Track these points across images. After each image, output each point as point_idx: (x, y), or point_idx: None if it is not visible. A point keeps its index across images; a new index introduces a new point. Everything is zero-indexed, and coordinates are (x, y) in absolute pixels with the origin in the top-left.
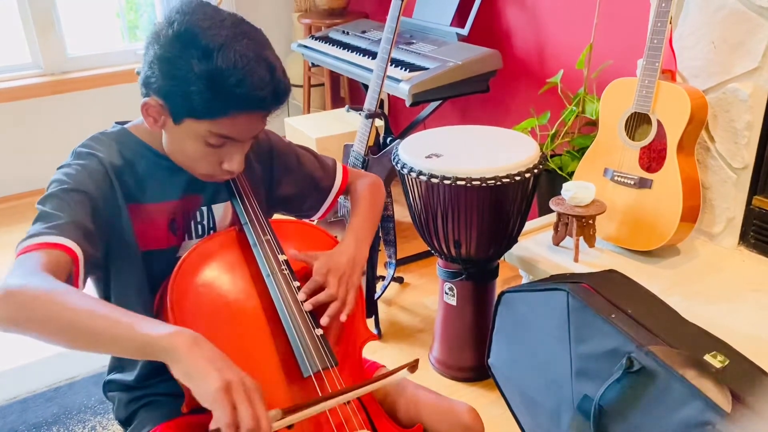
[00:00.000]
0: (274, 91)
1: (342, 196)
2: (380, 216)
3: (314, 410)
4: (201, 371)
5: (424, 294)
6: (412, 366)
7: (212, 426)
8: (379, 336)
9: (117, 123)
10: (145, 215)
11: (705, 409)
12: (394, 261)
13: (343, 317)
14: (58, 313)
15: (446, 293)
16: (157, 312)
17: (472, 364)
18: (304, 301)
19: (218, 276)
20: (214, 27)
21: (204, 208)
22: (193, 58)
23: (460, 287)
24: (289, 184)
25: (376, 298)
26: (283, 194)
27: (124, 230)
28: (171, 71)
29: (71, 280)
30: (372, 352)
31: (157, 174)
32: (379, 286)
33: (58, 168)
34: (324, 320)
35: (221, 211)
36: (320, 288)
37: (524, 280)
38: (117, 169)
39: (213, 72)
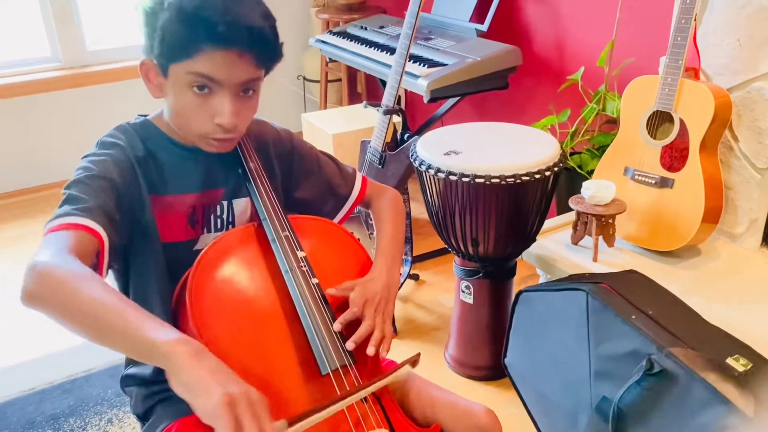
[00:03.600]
0: (245, 25)
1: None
2: (405, 234)
3: (320, 416)
4: (202, 384)
5: (439, 291)
6: (414, 361)
7: None
8: (395, 333)
9: (140, 115)
10: (166, 206)
11: (727, 413)
12: (410, 258)
13: (383, 352)
14: (78, 298)
15: (463, 291)
16: (176, 306)
17: (488, 363)
18: (340, 332)
19: (237, 272)
20: None
21: (224, 203)
22: (163, 1)
23: (477, 285)
24: (308, 187)
25: None
26: (301, 197)
27: (146, 221)
28: (149, 21)
29: (96, 267)
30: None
31: (179, 165)
32: None
33: (84, 156)
34: (370, 350)
35: (242, 206)
36: (357, 319)
37: (542, 279)
38: (140, 160)
39: (175, 5)
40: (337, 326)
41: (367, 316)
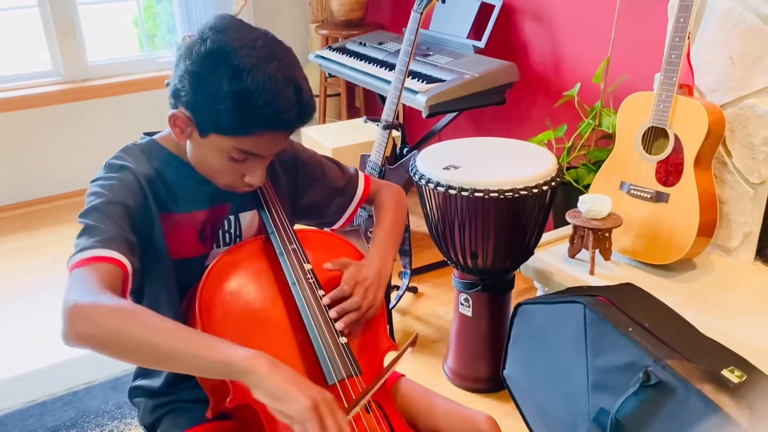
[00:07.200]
0: (299, 113)
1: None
2: (404, 227)
3: (362, 403)
4: (287, 392)
5: (438, 304)
6: (413, 341)
7: None
8: (395, 343)
9: (145, 134)
10: (175, 224)
11: (723, 423)
12: (408, 271)
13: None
14: (135, 333)
15: (462, 304)
16: (185, 317)
17: (487, 375)
18: (329, 306)
19: (245, 284)
20: (245, 47)
21: (231, 217)
22: (223, 76)
23: (475, 298)
24: (313, 193)
25: (390, 307)
26: (307, 203)
27: (156, 239)
28: (201, 87)
29: (122, 293)
30: (386, 361)
31: (186, 184)
32: (394, 295)
33: (92, 181)
34: (339, 325)
35: (248, 219)
36: (346, 297)
37: (539, 292)
38: (149, 180)
39: (242, 92)
40: (325, 300)
41: (356, 294)
